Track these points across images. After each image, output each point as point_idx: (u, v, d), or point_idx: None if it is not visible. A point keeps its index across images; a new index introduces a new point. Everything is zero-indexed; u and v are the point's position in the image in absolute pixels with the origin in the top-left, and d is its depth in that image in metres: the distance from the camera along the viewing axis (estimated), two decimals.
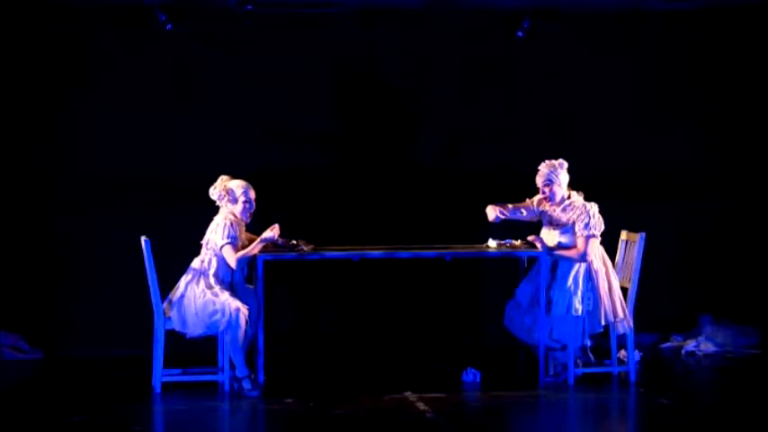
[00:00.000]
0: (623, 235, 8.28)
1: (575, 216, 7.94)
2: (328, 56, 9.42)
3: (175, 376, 7.82)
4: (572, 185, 8.07)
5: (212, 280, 7.69)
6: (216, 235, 7.69)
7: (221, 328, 7.59)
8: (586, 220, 7.88)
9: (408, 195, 9.49)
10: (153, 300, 7.68)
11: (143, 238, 7.67)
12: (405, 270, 9.25)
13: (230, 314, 7.55)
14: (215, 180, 7.82)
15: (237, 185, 7.79)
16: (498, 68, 9.54)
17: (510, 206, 8.10)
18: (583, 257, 7.87)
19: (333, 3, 9.07)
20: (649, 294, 8.46)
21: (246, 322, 7.60)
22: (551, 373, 8.08)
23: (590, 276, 7.91)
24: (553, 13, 9.29)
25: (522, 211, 8.16)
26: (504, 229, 8.24)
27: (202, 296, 7.62)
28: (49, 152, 9.21)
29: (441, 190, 9.53)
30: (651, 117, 9.67)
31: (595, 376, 8.12)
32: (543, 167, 8.03)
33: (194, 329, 7.65)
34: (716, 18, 9.60)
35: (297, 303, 9.48)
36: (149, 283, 7.66)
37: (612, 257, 8.21)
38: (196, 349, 8.11)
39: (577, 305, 7.89)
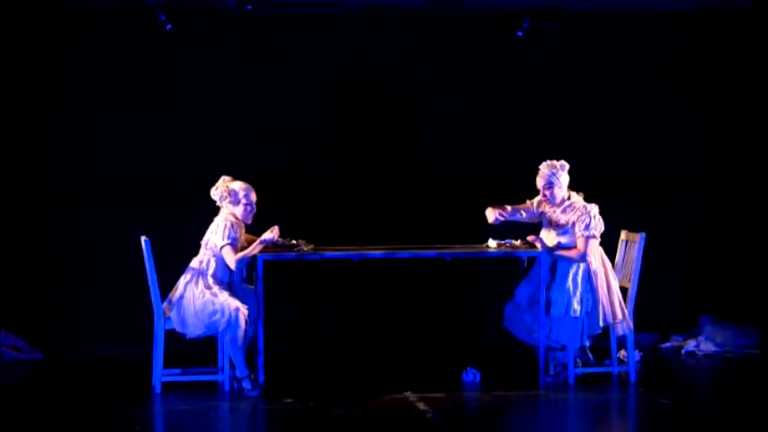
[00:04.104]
0: (623, 235, 8.28)
1: (575, 217, 7.94)
2: (328, 56, 9.41)
3: (175, 376, 7.82)
4: (572, 186, 8.07)
5: (211, 280, 7.68)
6: (216, 236, 7.69)
7: (221, 328, 7.59)
8: (587, 221, 7.87)
9: (408, 195, 9.49)
10: (153, 300, 7.68)
11: (143, 238, 7.67)
12: (405, 270, 9.26)
13: (230, 314, 7.55)
14: (215, 181, 7.82)
15: (239, 187, 7.79)
16: (498, 68, 9.54)
17: (509, 208, 8.09)
18: (582, 258, 7.87)
19: (333, 3, 9.07)
20: (649, 294, 8.46)
21: (246, 322, 7.60)
22: (551, 373, 8.09)
23: (589, 277, 7.91)
24: (553, 13, 9.30)
25: (522, 212, 8.16)
26: (504, 229, 8.24)
27: (201, 296, 7.62)
28: (49, 152, 9.21)
29: (441, 190, 9.53)
30: (651, 117, 9.67)
31: (595, 376, 8.12)
32: (544, 168, 8.02)
33: (194, 330, 7.65)
34: (716, 18, 9.60)
35: (297, 303, 9.48)
36: (149, 283, 7.66)
37: (612, 257, 8.21)
38: (196, 349, 8.11)
39: (576, 306, 7.89)
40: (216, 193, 7.79)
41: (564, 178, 8.01)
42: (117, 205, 9.21)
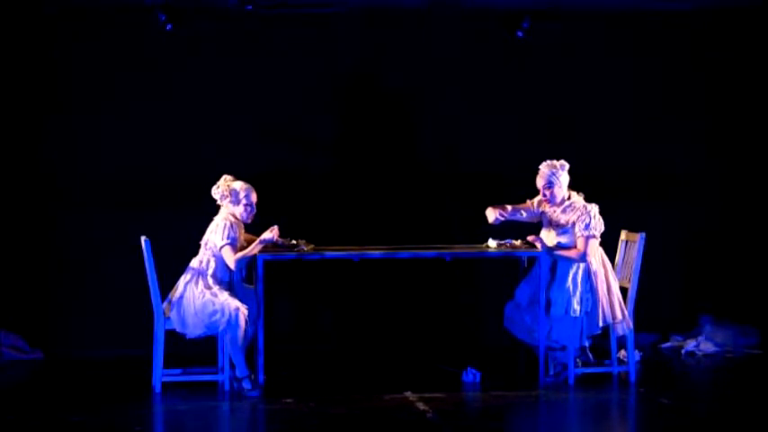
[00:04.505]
0: (623, 235, 8.28)
1: (575, 217, 7.94)
2: (328, 56, 9.41)
3: (175, 376, 7.82)
4: (572, 186, 8.07)
5: (211, 280, 7.68)
6: (215, 235, 7.69)
7: (221, 327, 7.59)
8: (587, 221, 7.87)
9: (408, 195, 9.49)
10: (153, 300, 7.68)
11: (143, 238, 7.67)
12: (405, 270, 9.25)
13: (230, 314, 7.55)
14: (215, 181, 7.82)
15: (240, 187, 7.79)
16: (498, 68, 9.54)
17: (509, 207, 8.09)
18: (582, 258, 7.87)
19: (333, 3, 9.07)
20: (649, 294, 8.46)
21: (246, 322, 7.60)
22: (551, 373, 8.08)
23: (588, 277, 7.90)
24: (553, 13, 9.29)
25: (522, 212, 8.16)
26: (504, 229, 8.24)
27: (201, 296, 7.62)
28: (49, 152, 9.21)
29: (441, 190, 9.53)
30: (651, 117, 9.67)
31: (595, 376, 8.12)
32: (544, 168, 8.02)
33: (194, 330, 7.65)
34: (716, 18, 9.60)
35: (297, 303, 9.48)
36: (149, 283, 7.66)
37: (612, 257, 8.21)
38: (196, 349, 8.11)
39: (576, 306, 7.89)
40: (217, 191, 7.79)
41: (564, 178, 8.01)
42: (117, 205, 9.21)
